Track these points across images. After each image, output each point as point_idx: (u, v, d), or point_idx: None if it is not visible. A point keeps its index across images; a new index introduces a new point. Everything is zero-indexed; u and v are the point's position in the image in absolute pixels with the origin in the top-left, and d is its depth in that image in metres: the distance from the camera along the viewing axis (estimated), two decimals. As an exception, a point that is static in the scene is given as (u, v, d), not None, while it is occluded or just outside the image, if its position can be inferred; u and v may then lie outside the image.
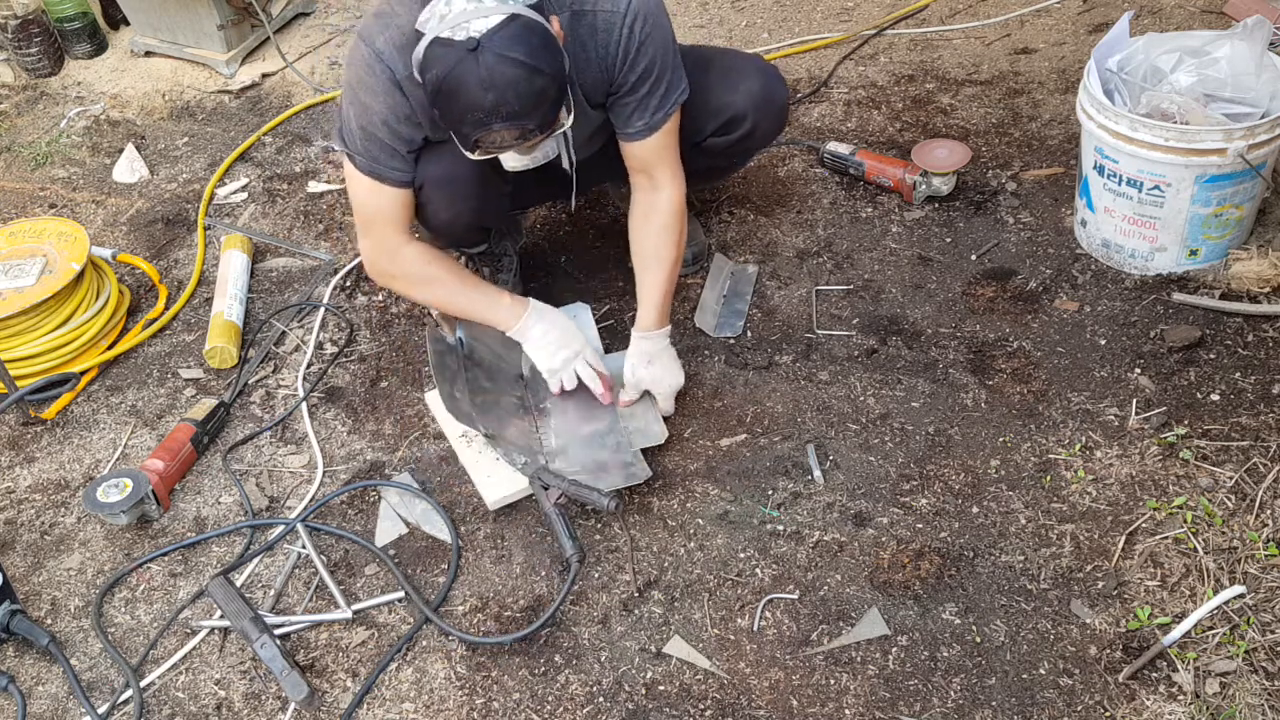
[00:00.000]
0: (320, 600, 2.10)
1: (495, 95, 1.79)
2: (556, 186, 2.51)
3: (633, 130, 2.16)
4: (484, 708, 1.90)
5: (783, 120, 2.45)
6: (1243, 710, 1.74)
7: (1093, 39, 3.12)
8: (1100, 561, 1.98)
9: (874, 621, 1.94)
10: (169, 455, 2.31)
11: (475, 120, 1.83)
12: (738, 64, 2.36)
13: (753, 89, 2.32)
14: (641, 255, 2.27)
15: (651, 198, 2.23)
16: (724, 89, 2.32)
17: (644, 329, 2.26)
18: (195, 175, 3.29)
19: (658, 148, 2.17)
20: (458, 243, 2.50)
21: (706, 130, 2.35)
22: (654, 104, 2.12)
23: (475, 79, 1.79)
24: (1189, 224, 2.39)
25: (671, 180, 2.22)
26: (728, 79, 2.33)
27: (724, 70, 2.34)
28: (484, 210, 2.30)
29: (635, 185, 2.26)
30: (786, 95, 2.41)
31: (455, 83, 1.80)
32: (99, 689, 2.00)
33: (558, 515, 2.06)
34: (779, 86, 2.38)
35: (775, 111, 2.40)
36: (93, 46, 3.83)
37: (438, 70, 1.81)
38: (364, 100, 2.05)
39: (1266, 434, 2.12)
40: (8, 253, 2.67)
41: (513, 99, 1.81)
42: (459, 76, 1.79)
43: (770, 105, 2.37)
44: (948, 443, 2.22)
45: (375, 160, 2.10)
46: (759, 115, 2.35)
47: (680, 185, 2.23)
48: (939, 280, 2.57)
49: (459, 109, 1.83)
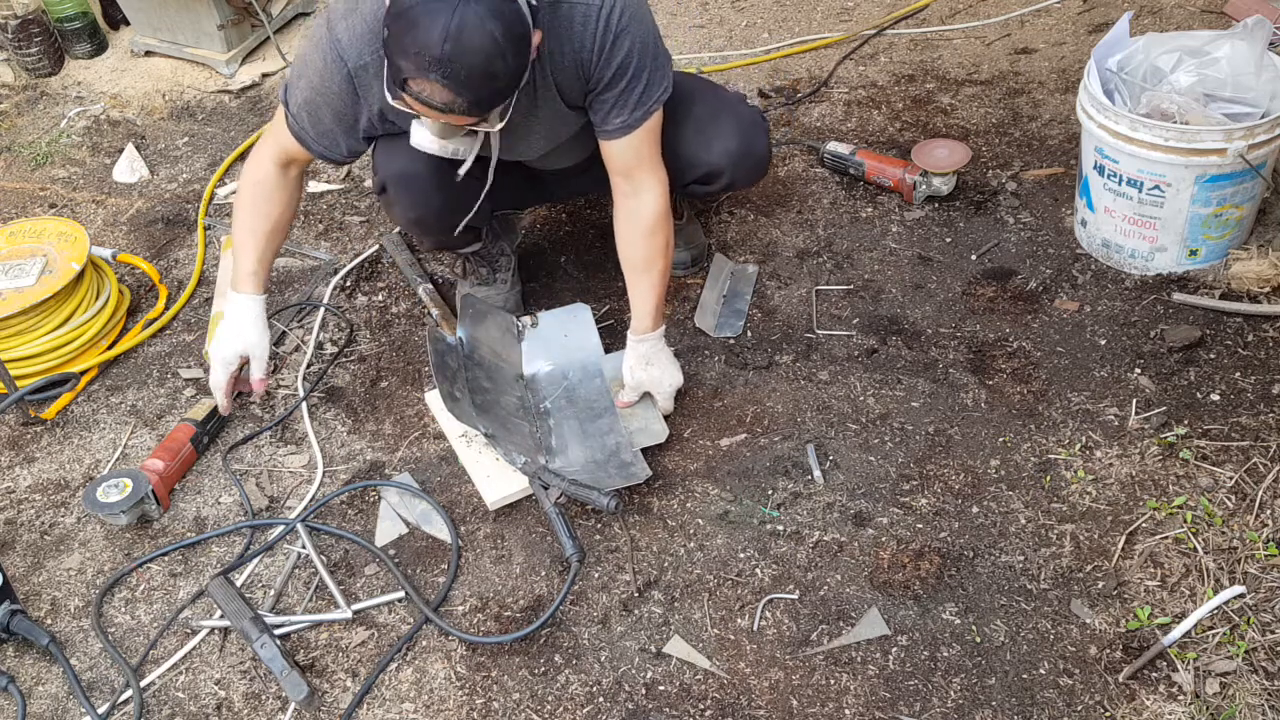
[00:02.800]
0: (320, 600, 2.10)
1: (451, 49, 1.71)
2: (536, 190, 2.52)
3: (611, 128, 2.09)
4: (484, 708, 1.90)
5: (764, 170, 2.43)
6: (1243, 710, 1.74)
7: (1093, 39, 3.12)
8: (1100, 561, 1.98)
9: (874, 621, 1.94)
10: (169, 455, 2.31)
11: (419, 61, 1.74)
12: (716, 115, 2.30)
13: (730, 148, 2.29)
14: (630, 263, 2.23)
15: (633, 204, 2.17)
16: (700, 146, 2.29)
17: (639, 333, 2.26)
18: (195, 175, 3.29)
19: (637, 147, 2.11)
20: (442, 243, 2.49)
21: (686, 179, 2.35)
22: (633, 101, 2.05)
23: (442, 24, 1.70)
24: (1189, 224, 2.39)
25: (653, 184, 2.16)
26: (703, 135, 2.28)
27: (700, 125, 2.28)
28: (451, 209, 2.26)
29: (617, 191, 2.19)
30: (767, 146, 2.38)
31: (422, 14, 1.71)
32: (99, 689, 2.00)
33: (558, 515, 2.06)
34: (758, 139, 2.35)
35: (754, 166, 2.38)
36: (93, 46, 3.83)
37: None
38: (311, 79, 2.06)
39: (1266, 434, 2.12)
40: (8, 253, 2.67)
41: (464, 65, 1.73)
42: (430, 11, 1.71)
43: (748, 160, 2.35)
44: (948, 443, 2.22)
45: (305, 130, 2.12)
46: (736, 172, 2.34)
47: (663, 188, 2.17)
48: (939, 280, 2.57)
49: (410, 41, 1.73)
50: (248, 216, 2.22)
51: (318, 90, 2.06)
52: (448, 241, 2.44)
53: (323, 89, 2.05)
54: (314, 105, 2.09)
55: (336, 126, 2.11)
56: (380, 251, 2.85)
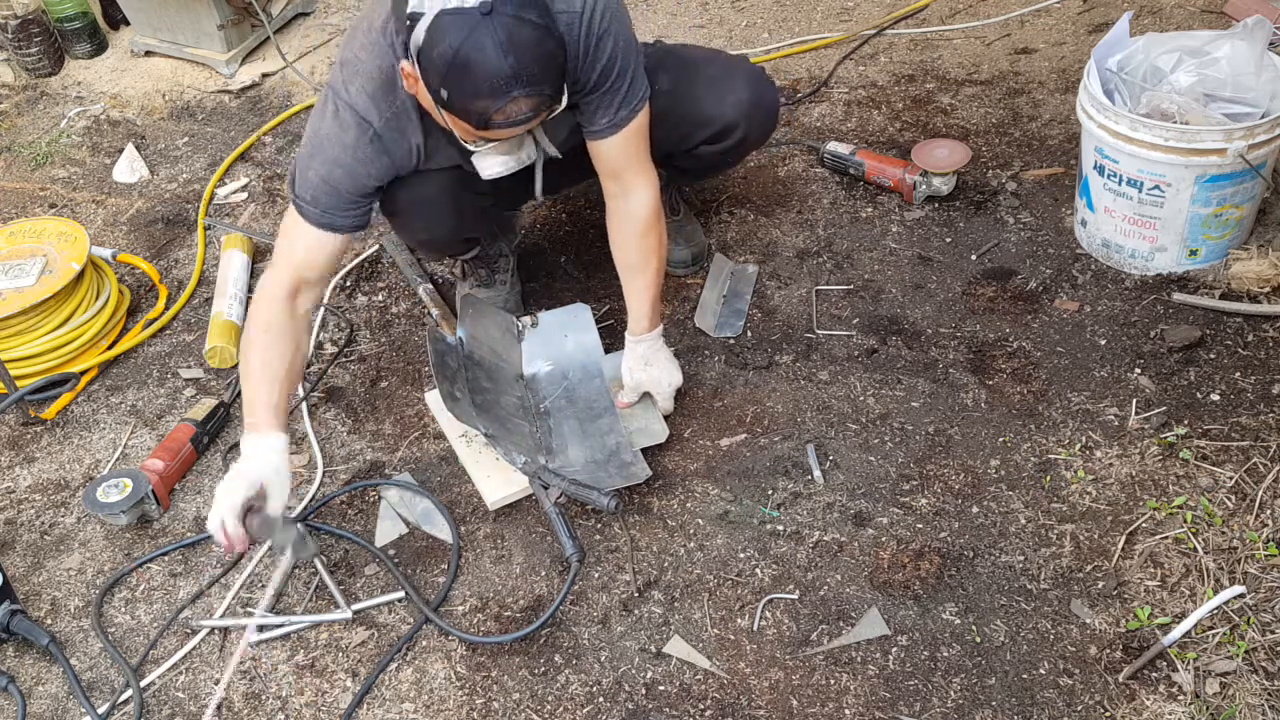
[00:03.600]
0: (320, 600, 2.10)
1: (515, 59, 1.72)
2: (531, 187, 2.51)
3: (597, 128, 2.09)
4: (484, 708, 1.90)
5: (774, 122, 2.44)
6: (1243, 710, 1.74)
7: (1093, 39, 3.12)
8: (1100, 561, 1.98)
9: (874, 621, 1.94)
10: (169, 455, 2.31)
11: (494, 89, 1.73)
12: (725, 71, 2.32)
13: (742, 99, 2.29)
14: (625, 264, 2.24)
15: (624, 205, 2.18)
16: (712, 100, 2.29)
17: (637, 333, 2.26)
18: (195, 175, 3.29)
19: (625, 147, 2.11)
20: (445, 255, 2.49)
21: (697, 139, 2.34)
22: (618, 101, 2.05)
23: (494, 43, 1.70)
24: (1189, 224, 2.39)
25: (643, 184, 2.16)
26: (715, 89, 2.29)
27: (711, 80, 2.29)
28: (462, 225, 2.29)
29: (607, 193, 2.20)
30: (776, 98, 2.39)
31: (472, 49, 1.70)
32: (99, 689, 2.00)
33: (558, 515, 2.06)
34: (768, 91, 2.36)
35: (766, 117, 2.38)
36: (93, 46, 3.83)
37: (450, 40, 1.71)
38: (331, 152, 1.99)
39: (1266, 434, 2.12)
40: (8, 253, 2.67)
41: (531, 62, 1.74)
42: (476, 42, 1.70)
43: (760, 111, 2.35)
44: (948, 443, 2.22)
45: (327, 211, 2.02)
46: (750, 124, 2.34)
47: (653, 188, 2.18)
48: (939, 280, 2.57)
49: (476, 79, 1.73)
50: (260, 362, 2.01)
51: (338, 163, 1.99)
52: (455, 251, 2.45)
53: (342, 159, 1.99)
54: (334, 179, 2.00)
55: (355, 197, 2.04)
56: (380, 251, 2.85)
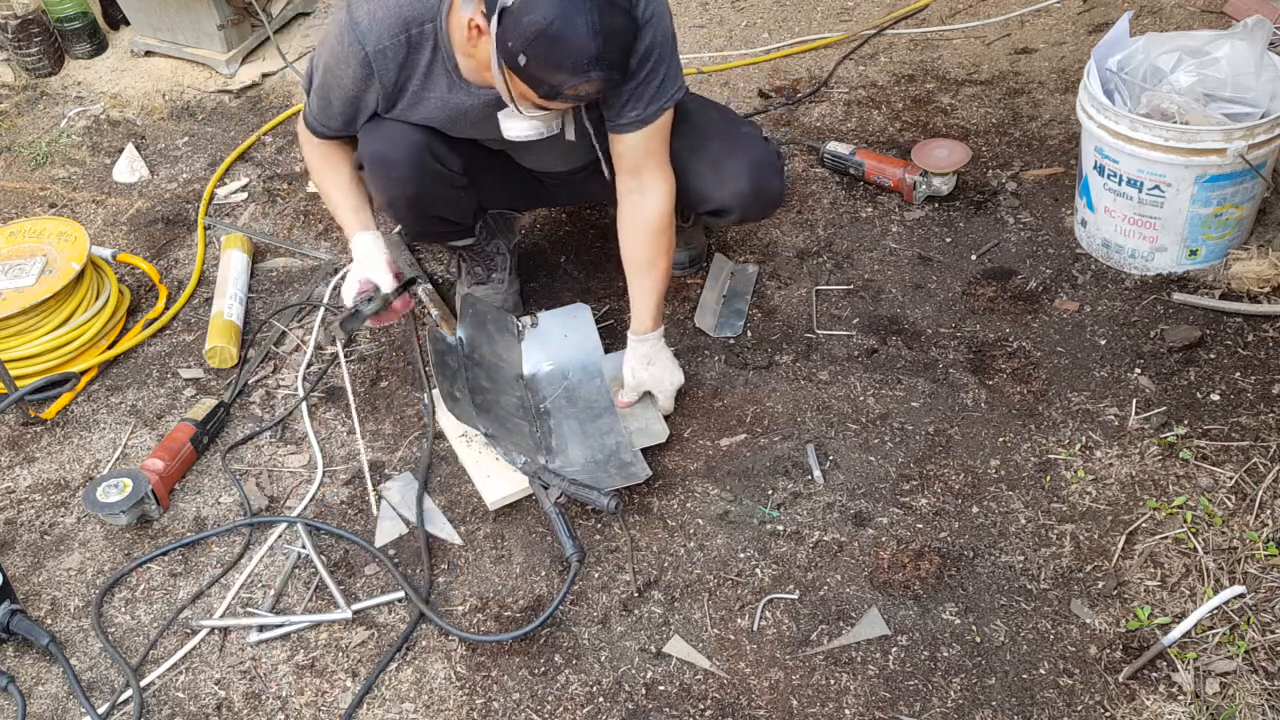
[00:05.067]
0: (320, 600, 2.10)
1: (602, 42, 1.80)
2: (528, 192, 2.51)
3: (625, 121, 2.09)
4: (484, 708, 1.90)
5: (774, 207, 2.41)
6: (1243, 710, 1.74)
7: (1093, 39, 3.12)
8: (1100, 561, 1.98)
9: (874, 621, 1.94)
10: (169, 455, 2.31)
11: (577, 66, 1.81)
12: (730, 150, 2.26)
13: (742, 189, 2.26)
14: (633, 262, 2.23)
15: (639, 202, 2.18)
16: (713, 181, 2.26)
17: (640, 333, 2.26)
18: (195, 175, 3.29)
19: (648, 144, 2.12)
20: (426, 232, 2.47)
21: (694, 207, 2.37)
22: (649, 94, 2.06)
23: (586, 23, 1.77)
24: (1189, 224, 2.39)
25: (660, 183, 2.17)
26: (718, 172, 2.25)
27: (714, 160, 2.25)
28: (429, 197, 2.26)
29: (623, 189, 2.20)
30: (779, 187, 2.33)
31: (565, 25, 1.77)
32: (99, 689, 2.00)
33: (558, 515, 2.06)
34: (771, 181, 2.30)
35: (765, 206, 2.36)
36: (93, 46, 3.83)
37: (544, 11, 1.77)
38: (328, 63, 2.10)
39: (1266, 434, 2.12)
40: (8, 253, 2.67)
41: (615, 47, 1.83)
42: (569, 19, 1.77)
43: (758, 203, 2.32)
44: (948, 443, 2.22)
45: (314, 114, 2.21)
46: (747, 212, 2.33)
47: (669, 187, 2.18)
48: (939, 280, 2.57)
49: (561, 54, 1.80)
50: (329, 183, 2.28)
51: (330, 72, 2.11)
52: (433, 231, 2.44)
53: (336, 72, 2.10)
54: (325, 89, 2.14)
55: (342, 112, 2.16)
56: (380, 251, 2.85)
